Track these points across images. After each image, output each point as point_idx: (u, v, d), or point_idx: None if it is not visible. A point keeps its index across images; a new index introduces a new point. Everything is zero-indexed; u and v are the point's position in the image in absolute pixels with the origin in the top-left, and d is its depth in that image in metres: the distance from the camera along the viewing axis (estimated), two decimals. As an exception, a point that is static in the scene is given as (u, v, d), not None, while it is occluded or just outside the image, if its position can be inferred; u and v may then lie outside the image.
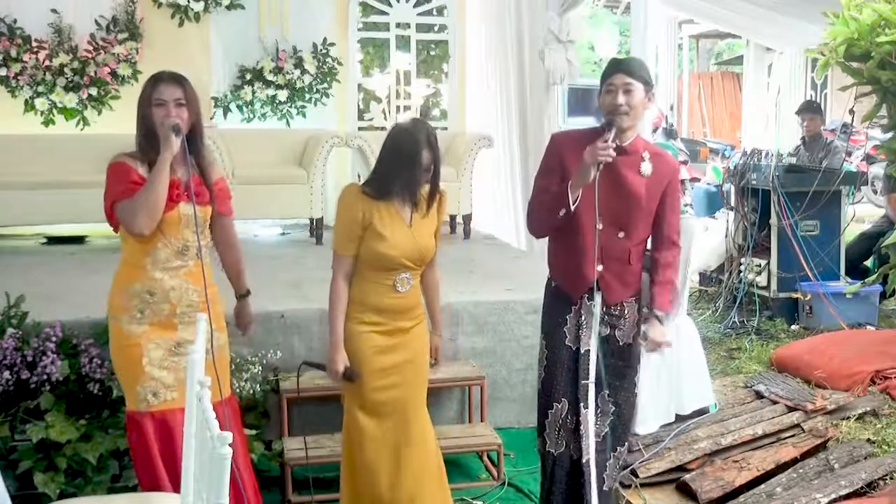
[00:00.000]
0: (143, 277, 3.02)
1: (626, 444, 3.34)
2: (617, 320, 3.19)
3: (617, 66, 3.13)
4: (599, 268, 3.11)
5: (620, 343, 3.19)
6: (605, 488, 3.23)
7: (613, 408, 3.21)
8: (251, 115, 7.74)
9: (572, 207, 3.00)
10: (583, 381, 3.14)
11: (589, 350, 3.15)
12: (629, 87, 3.06)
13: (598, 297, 3.15)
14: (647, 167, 3.12)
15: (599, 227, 3.08)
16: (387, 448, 3.16)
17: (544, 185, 3.15)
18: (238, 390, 3.87)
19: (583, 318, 3.16)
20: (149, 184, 2.93)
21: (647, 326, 3.17)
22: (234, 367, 3.79)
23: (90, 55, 7.25)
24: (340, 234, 3.12)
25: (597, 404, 3.19)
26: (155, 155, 2.98)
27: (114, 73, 7.28)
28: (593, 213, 3.05)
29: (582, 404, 3.15)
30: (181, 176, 3.02)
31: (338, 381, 3.18)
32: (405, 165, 3.07)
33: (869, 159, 11.15)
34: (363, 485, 3.17)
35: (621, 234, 3.12)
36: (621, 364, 3.21)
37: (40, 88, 7.16)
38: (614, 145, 2.98)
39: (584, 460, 3.14)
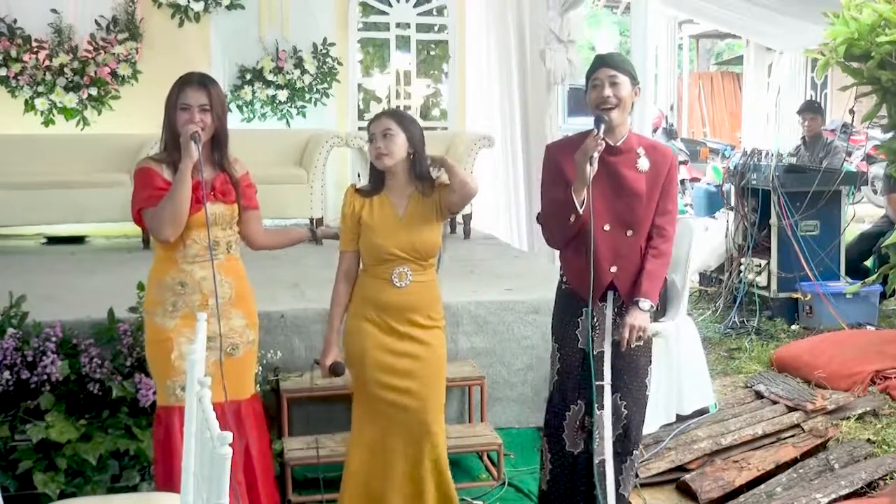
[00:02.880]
0: (174, 270, 3.09)
1: (640, 447, 3.32)
2: None
3: (601, 61, 3.11)
4: (613, 269, 3.10)
5: (631, 345, 3.16)
6: (620, 492, 3.21)
7: (626, 412, 3.19)
8: (251, 115, 7.75)
9: (580, 210, 2.99)
10: (597, 383, 3.11)
11: (602, 352, 3.14)
12: (615, 80, 3.04)
13: (610, 299, 3.14)
14: (644, 162, 3.10)
15: (607, 228, 3.08)
16: (381, 452, 3.12)
17: (550, 196, 3.15)
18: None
19: (595, 320, 3.14)
20: (170, 193, 2.99)
21: (627, 313, 3.08)
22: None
23: (90, 55, 7.25)
24: (342, 231, 3.19)
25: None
26: (178, 158, 3.02)
27: (114, 73, 7.27)
28: (599, 215, 3.04)
29: (596, 405, 3.13)
30: (205, 176, 3.05)
31: (326, 376, 3.22)
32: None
33: (869, 159, 11.14)
34: (354, 486, 3.16)
35: (629, 233, 3.11)
36: (632, 366, 3.18)
37: (40, 88, 7.17)
38: (603, 140, 2.96)
39: (596, 461, 3.13)
